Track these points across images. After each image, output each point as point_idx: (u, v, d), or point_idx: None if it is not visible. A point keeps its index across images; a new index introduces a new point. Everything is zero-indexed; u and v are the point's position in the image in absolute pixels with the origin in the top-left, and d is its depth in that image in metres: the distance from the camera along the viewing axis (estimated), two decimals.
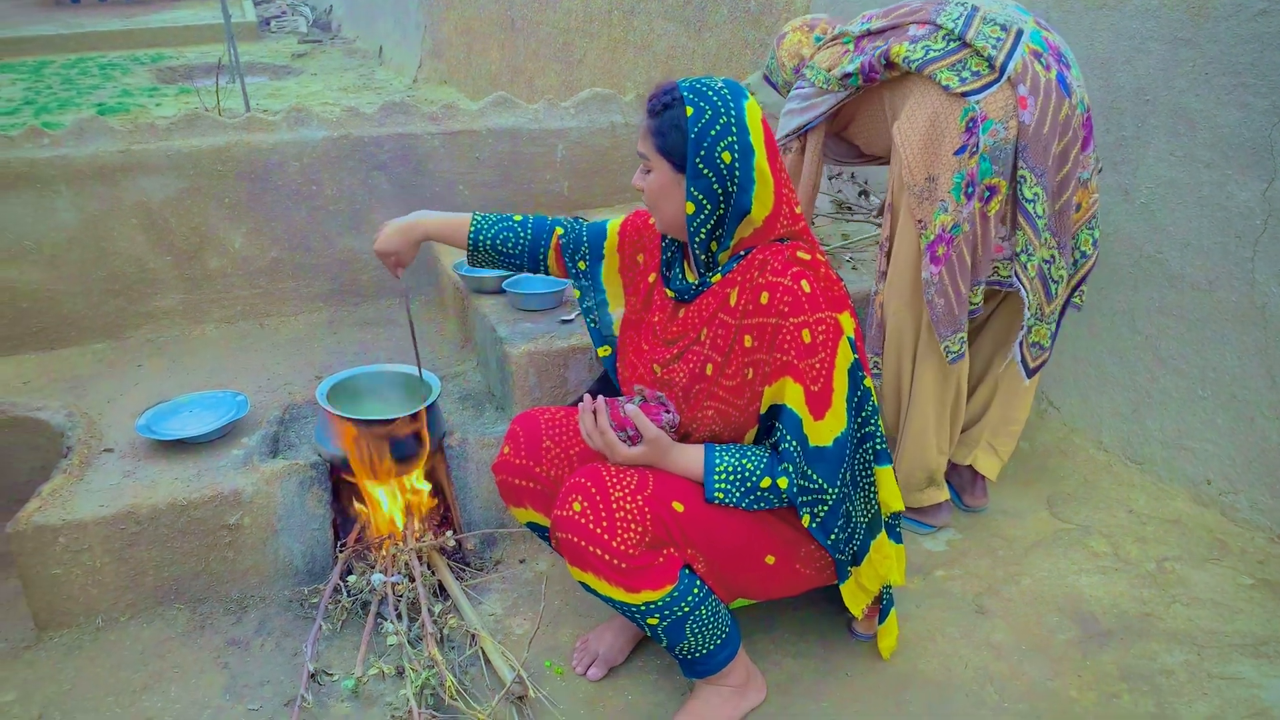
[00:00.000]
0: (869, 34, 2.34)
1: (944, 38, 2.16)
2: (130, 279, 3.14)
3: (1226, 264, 2.42)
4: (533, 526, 2.05)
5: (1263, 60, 2.26)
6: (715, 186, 1.69)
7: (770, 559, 1.83)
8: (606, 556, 1.70)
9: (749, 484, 1.74)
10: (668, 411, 1.80)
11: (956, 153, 2.14)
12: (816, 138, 2.50)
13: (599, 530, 1.70)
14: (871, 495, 1.88)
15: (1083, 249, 2.33)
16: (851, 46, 2.37)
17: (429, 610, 2.18)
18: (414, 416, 2.34)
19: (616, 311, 2.10)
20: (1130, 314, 2.68)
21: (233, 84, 6.91)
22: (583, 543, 1.71)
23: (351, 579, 2.29)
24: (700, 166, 1.68)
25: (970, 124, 2.11)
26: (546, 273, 2.15)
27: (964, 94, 2.11)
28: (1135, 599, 2.25)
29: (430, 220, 2.11)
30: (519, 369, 2.51)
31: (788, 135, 2.52)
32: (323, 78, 10.14)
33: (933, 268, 2.20)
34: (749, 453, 1.77)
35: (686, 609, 1.76)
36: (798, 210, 1.79)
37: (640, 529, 1.70)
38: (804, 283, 1.69)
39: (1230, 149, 2.37)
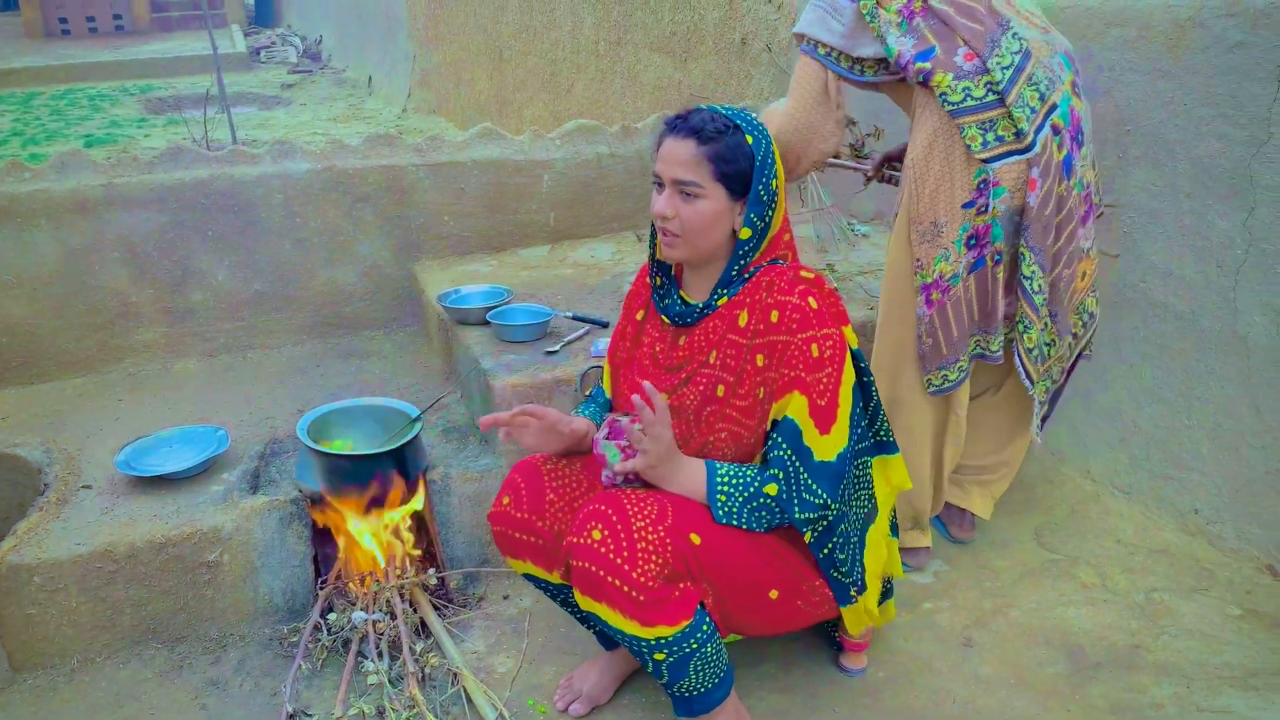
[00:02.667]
0: (926, 7, 2.14)
1: (986, 85, 2.09)
2: (111, 313, 3.12)
3: (1209, 293, 2.43)
4: (530, 577, 1.99)
5: (1241, 92, 2.28)
6: (767, 211, 1.75)
7: (774, 594, 1.81)
8: (625, 588, 1.66)
9: (750, 490, 1.73)
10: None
11: (965, 205, 2.14)
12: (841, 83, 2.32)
13: (619, 560, 1.66)
14: (858, 510, 1.88)
15: (1090, 311, 2.35)
16: (899, 4, 2.16)
17: (410, 648, 2.16)
18: (394, 452, 2.32)
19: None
20: (1115, 343, 2.68)
21: (221, 114, 6.92)
22: (601, 572, 1.67)
23: (332, 617, 2.26)
24: (762, 193, 1.73)
25: (982, 184, 2.11)
26: None
27: (984, 160, 2.10)
28: (1124, 630, 2.23)
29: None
30: (503, 401, 2.49)
31: (810, 42, 2.26)
32: (312, 108, 10.18)
33: (926, 309, 2.21)
34: (747, 465, 1.78)
35: (695, 645, 1.73)
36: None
37: (660, 560, 1.67)
38: (811, 299, 1.72)
39: (1210, 179, 2.38)
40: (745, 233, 1.75)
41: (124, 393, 3.02)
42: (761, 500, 1.73)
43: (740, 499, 1.73)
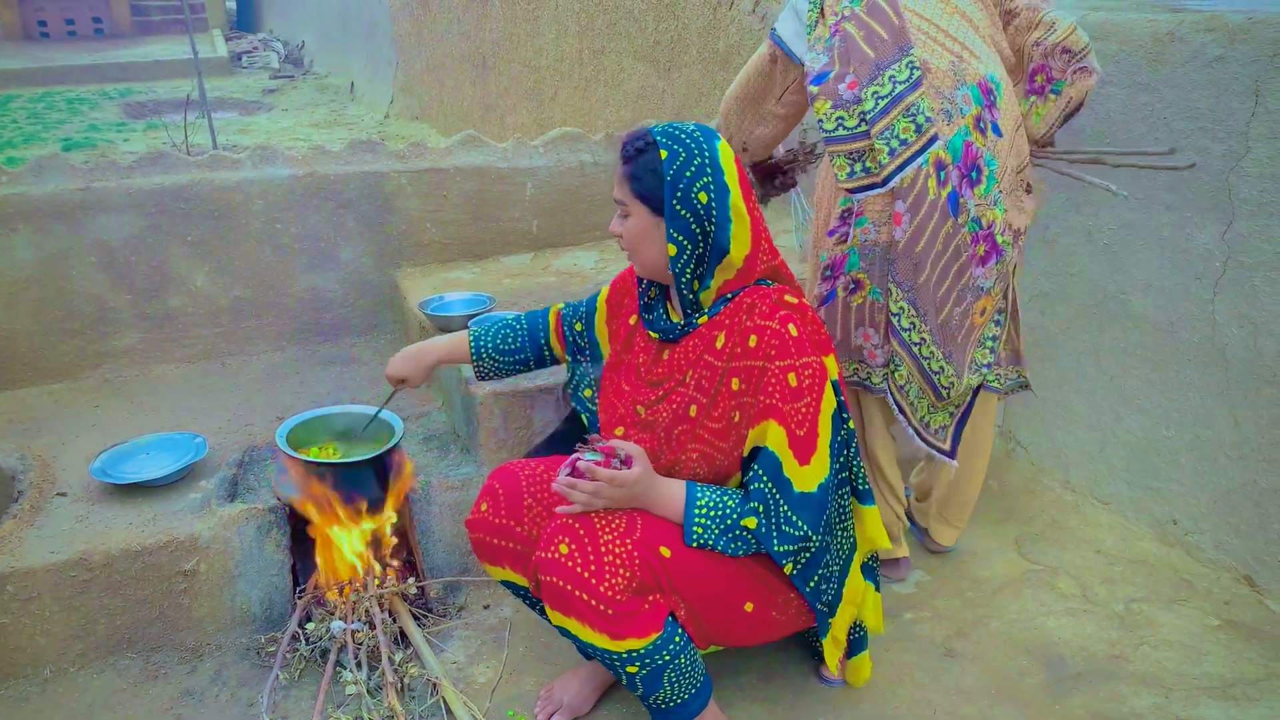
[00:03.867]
0: (837, 28, 2.10)
1: (859, 115, 2.03)
2: (89, 318, 3.09)
3: (1187, 305, 2.44)
4: (509, 585, 1.99)
5: (1219, 105, 2.30)
6: (694, 226, 1.71)
7: (749, 606, 1.81)
8: (593, 602, 1.66)
9: (728, 522, 1.72)
10: (617, 458, 1.76)
11: (830, 233, 2.14)
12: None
13: (586, 574, 1.66)
14: (843, 541, 1.87)
15: (993, 334, 2.25)
16: (832, 21, 2.12)
17: (389, 658, 2.14)
18: (375, 460, 2.30)
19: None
20: (1095, 353, 2.69)
21: (201, 119, 6.88)
22: (569, 586, 1.67)
23: (310, 626, 2.24)
24: (678, 208, 1.70)
25: (845, 214, 2.10)
26: (551, 358, 2.17)
27: (848, 190, 2.08)
28: (1104, 641, 2.24)
29: (438, 345, 2.21)
30: (485, 410, 2.48)
31: (775, 33, 2.25)
32: (294, 113, 10.14)
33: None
34: (729, 491, 1.76)
35: (668, 657, 1.72)
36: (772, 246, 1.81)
37: (628, 573, 1.67)
38: (791, 327, 1.70)
39: (1189, 192, 2.40)
40: (670, 249, 1.73)
41: (100, 399, 2.99)
42: (739, 532, 1.73)
43: (717, 530, 1.73)
